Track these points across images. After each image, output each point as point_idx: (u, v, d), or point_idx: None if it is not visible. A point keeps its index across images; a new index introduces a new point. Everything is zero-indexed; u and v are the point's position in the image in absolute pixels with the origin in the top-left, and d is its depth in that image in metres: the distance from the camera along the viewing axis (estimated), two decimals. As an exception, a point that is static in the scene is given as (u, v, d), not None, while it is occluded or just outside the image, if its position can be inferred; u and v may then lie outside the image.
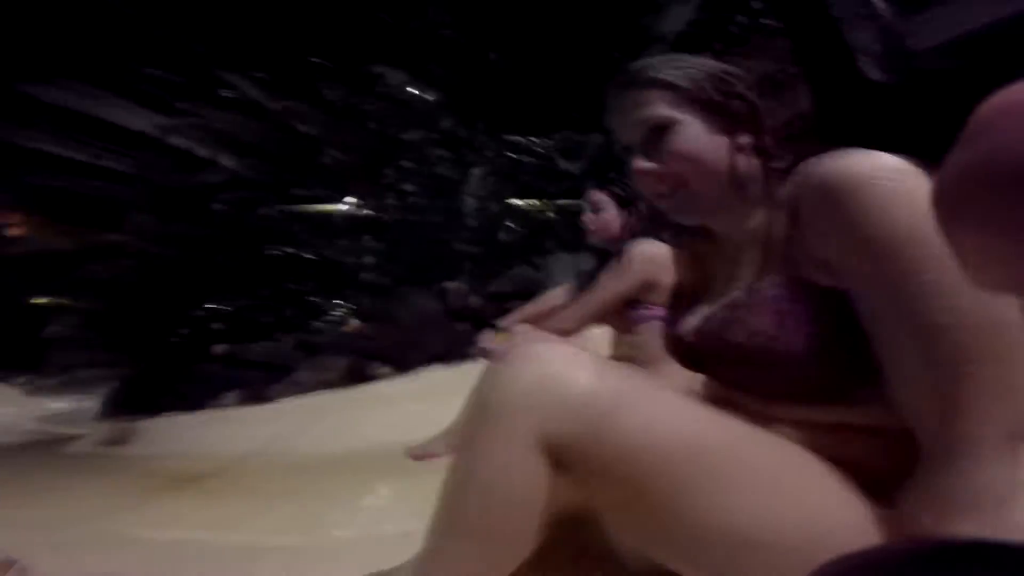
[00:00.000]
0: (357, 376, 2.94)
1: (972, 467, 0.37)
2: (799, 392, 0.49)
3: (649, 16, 4.97)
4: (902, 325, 0.40)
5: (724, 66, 0.58)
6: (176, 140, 4.37)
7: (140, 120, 5.41)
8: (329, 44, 4.23)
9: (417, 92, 4.19)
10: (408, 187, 4.20)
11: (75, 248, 3.35)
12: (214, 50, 4.00)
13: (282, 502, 1.46)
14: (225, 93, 4.03)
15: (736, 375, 0.55)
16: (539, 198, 5.02)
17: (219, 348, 3.25)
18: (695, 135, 0.56)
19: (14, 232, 3.98)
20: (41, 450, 2.73)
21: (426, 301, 3.00)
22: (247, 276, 3.87)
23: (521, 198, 4.82)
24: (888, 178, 0.40)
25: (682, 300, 0.67)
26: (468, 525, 0.52)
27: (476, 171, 4.42)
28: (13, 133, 5.31)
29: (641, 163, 0.58)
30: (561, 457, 0.49)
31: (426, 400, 2.35)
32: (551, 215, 4.75)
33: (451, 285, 3.31)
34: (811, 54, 1.47)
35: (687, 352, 0.60)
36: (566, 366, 0.50)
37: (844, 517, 0.43)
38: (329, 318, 4.12)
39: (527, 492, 0.50)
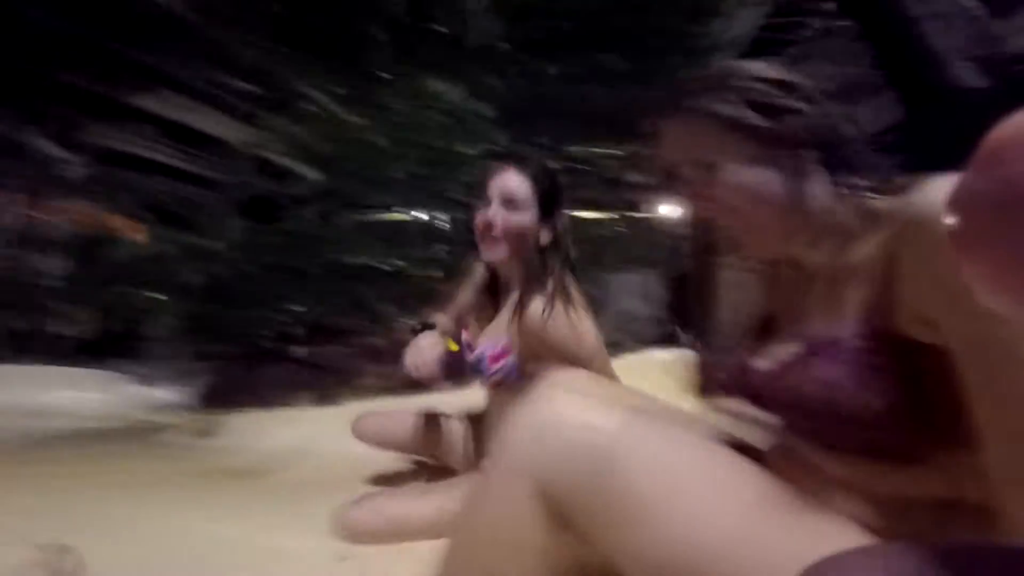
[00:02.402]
0: (417, 385, 3.02)
1: None
2: (868, 451, 0.46)
3: (719, 21, 4.79)
4: (1015, 395, 0.35)
5: (782, 76, 0.54)
6: (262, 151, 4.77)
7: (230, 131, 5.94)
8: (391, 59, 4.43)
9: (473, 107, 4.28)
10: (469, 200, 4.28)
11: (176, 252, 3.74)
12: (294, 65, 4.31)
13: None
14: (305, 106, 4.33)
15: (802, 424, 0.52)
16: (605, 211, 4.97)
17: (298, 351, 3.48)
18: (744, 169, 0.53)
19: (132, 237, 4.55)
20: (135, 437, 3.06)
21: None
22: (324, 283, 4.11)
23: (585, 211, 4.76)
24: None
25: (761, 330, 0.63)
26: (471, 564, 0.54)
27: None
28: (123, 140, 6.05)
29: (700, 201, 0.58)
30: (560, 509, 0.50)
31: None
32: (617, 229, 4.66)
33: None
34: (891, 59, 1.32)
35: (752, 391, 0.58)
36: (567, 416, 0.51)
37: None
38: (395, 327, 4.29)
39: (528, 538, 0.51)
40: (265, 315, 3.58)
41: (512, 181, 1.09)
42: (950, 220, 0.20)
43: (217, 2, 4.27)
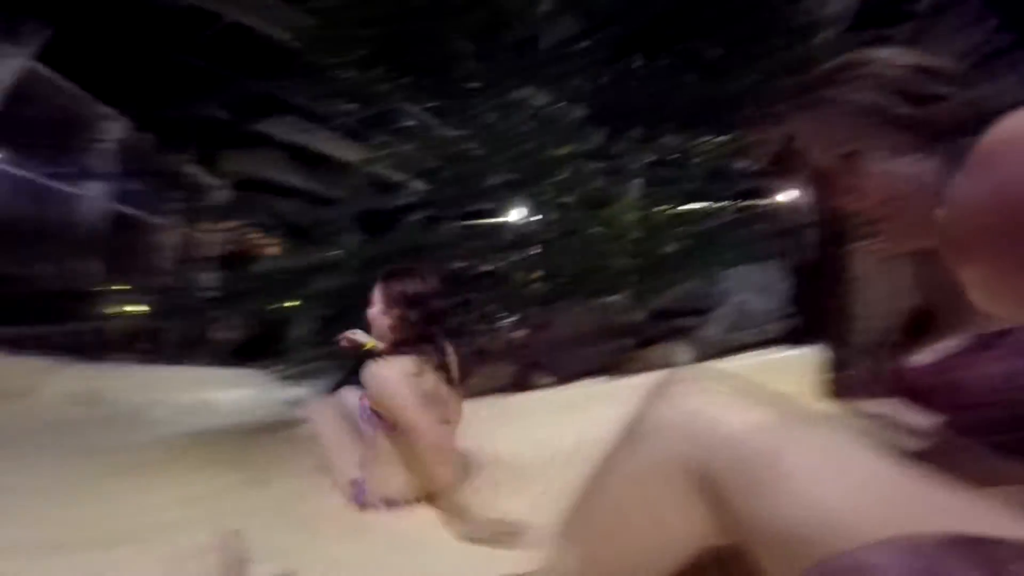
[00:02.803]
0: (521, 384, 3.08)
1: None
2: None
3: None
4: None
5: (921, 61, 0.52)
6: (372, 167, 5.16)
7: (344, 150, 6.52)
8: (477, 70, 4.51)
9: (560, 109, 4.23)
10: (565, 201, 4.30)
11: (306, 264, 4.18)
12: (391, 84, 4.58)
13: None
14: (407, 123, 4.61)
15: (970, 421, 0.48)
16: (711, 202, 4.68)
17: None
18: (889, 158, 0.52)
19: (268, 252, 5.19)
20: (281, 431, 3.45)
21: (586, 314, 3.05)
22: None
23: (688, 204, 4.56)
24: None
25: (912, 324, 0.60)
26: (597, 541, 0.53)
27: (636, 181, 4.30)
28: (254, 165, 6.85)
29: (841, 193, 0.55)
30: (710, 493, 0.48)
31: (583, 411, 2.36)
32: (729, 221, 4.42)
33: (611, 300, 3.30)
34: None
35: (910, 389, 0.55)
36: (730, 401, 0.50)
37: None
38: (499, 327, 4.41)
39: (664, 519, 0.49)
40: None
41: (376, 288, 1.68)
42: (943, 223, 0.20)
43: (318, 32, 4.68)
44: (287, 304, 4.09)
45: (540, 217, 4.48)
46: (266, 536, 1.26)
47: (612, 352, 2.91)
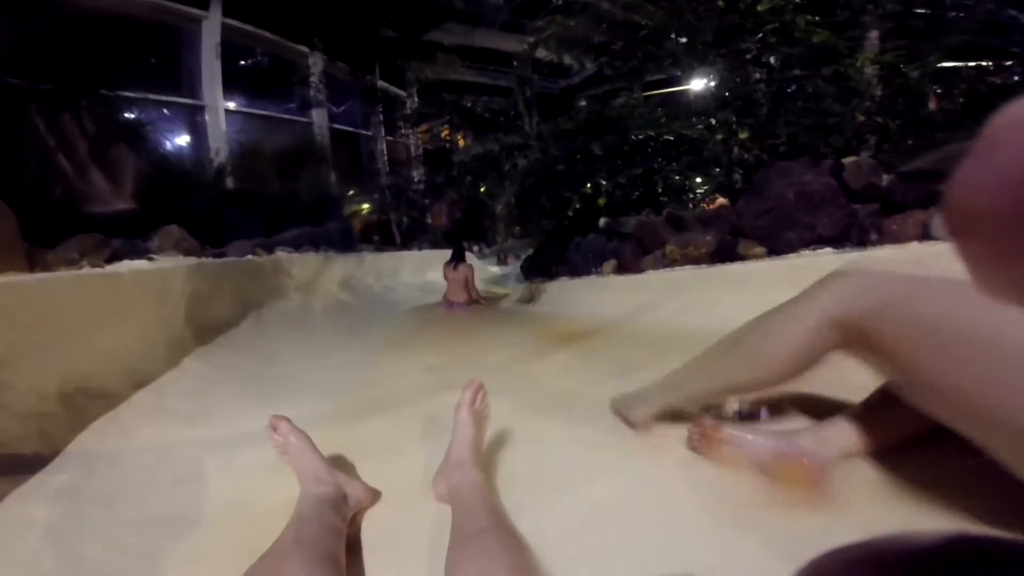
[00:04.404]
0: (724, 254, 2.87)
1: None
2: None
3: None
4: None
5: None
6: (540, 53, 5.00)
7: (510, 43, 6.41)
8: None
9: None
10: (773, 59, 3.65)
11: (496, 151, 4.40)
12: None
13: (641, 367, 1.56)
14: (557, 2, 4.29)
15: None
16: (983, 59, 3.74)
17: (602, 221, 3.71)
18: None
19: (461, 145, 5.57)
20: (489, 305, 3.84)
21: (814, 177, 2.60)
22: (619, 158, 4.21)
23: (954, 61, 3.55)
24: None
25: None
26: (743, 349, 0.79)
27: (872, 35, 3.41)
28: (433, 71, 7.14)
29: None
30: (848, 334, 0.65)
31: (798, 285, 2.11)
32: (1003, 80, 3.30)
33: (850, 160, 2.74)
34: None
35: None
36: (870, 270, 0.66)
37: None
38: (693, 195, 4.14)
39: (802, 347, 0.70)
40: (570, 193, 3.99)
41: None
42: (947, 205, 0.20)
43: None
44: (483, 188, 4.46)
45: (737, 78, 3.89)
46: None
47: (847, 221, 2.47)
